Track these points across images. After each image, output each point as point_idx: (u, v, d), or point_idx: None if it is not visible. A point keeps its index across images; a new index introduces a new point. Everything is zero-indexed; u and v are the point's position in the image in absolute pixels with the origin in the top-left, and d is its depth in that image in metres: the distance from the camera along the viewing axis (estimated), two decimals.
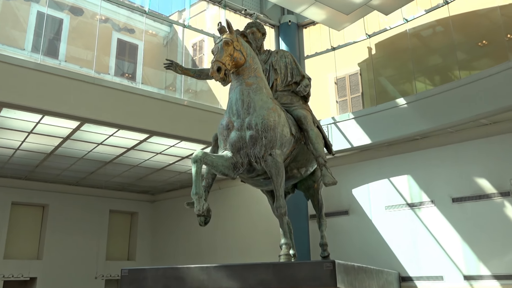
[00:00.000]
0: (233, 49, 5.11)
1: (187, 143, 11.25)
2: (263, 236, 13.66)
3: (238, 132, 4.97)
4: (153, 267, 4.21)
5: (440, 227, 10.55)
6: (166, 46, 18.49)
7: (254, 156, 4.96)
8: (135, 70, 17.55)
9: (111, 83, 10.05)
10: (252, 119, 4.95)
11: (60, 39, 15.87)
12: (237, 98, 5.09)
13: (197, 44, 17.78)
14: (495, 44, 10.33)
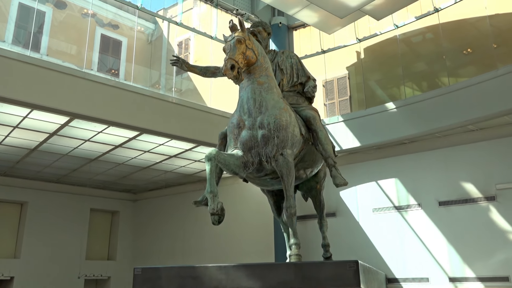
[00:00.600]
0: (246, 47, 5.06)
1: (177, 142, 11.12)
2: (251, 236, 13.64)
3: (250, 131, 4.93)
4: (168, 266, 4.12)
5: (426, 230, 10.76)
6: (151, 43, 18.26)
7: (266, 155, 4.93)
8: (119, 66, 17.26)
9: (103, 79, 9.85)
10: (264, 118, 4.91)
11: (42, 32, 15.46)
12: (248, 96, 5.05)
13: (183, 43, 17.63)
14: (483, 52, 10.62)
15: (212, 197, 4.64)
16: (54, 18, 15.76)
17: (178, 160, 12.74)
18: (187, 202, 15.15)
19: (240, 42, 5.08)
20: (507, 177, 9.90)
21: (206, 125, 11.17)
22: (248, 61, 5.09)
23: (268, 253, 12.63)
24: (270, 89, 5.15)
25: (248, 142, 4.93)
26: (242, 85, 5.23)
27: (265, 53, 5.50)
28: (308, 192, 6.49)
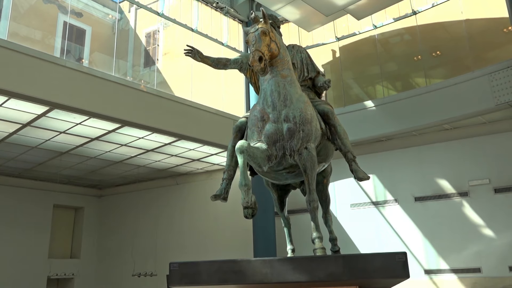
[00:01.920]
0: (270, 39, 5.00)
1: (157, 136, 10.81)
2: (222, 234, 13.54)
3: (275, 124, 4.87)
4: (208, 260, 4.00)
5: (402, 224, 11.17)
6: (116, 33, 17.63)
7: (290, 149, 4.90)
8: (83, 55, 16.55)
9: (85, 68, 9.37)
10: (289, 112, 4.88)
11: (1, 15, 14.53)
12: (272, 89, 4.98)
13: (151, 34, 17.16)
14: (458, 55, 11.14)
15: (246, 190, 4.56)
16: (14, 3, 14.85)
17: (155, 155, 12.41)
18: (160, 198, 14.95)
19: (265, 34, 5.00)
20: (479, 174, 10.48)
21: (187, 119, 10.96)
22: (271, 54, 5.04)
23: (246, 248, 12.61)
24: (293, 83, 5.13)
25: (273, 135, 4.87)
26: (264, 77, 5.17)
27: (286, 47, 5.47)
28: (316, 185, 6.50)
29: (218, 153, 12.60)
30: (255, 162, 4.90)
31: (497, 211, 10.15)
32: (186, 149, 12.01)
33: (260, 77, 5.28)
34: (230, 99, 12.86)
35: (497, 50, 11.01)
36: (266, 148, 4.97)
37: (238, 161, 4.63)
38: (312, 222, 5.22)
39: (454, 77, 10.52)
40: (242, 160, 4.57)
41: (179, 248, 14.08)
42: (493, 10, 10.60)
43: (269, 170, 5.49)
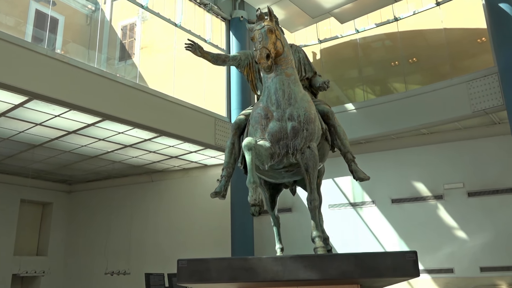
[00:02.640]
0: (275, 37, 5.00)
1: (138, 131, 10.58)
2: (199, 232, 13.42)
3: (279, 122, 4.87)
4: (217, 258, 3.93)
5: (379, 225, 11.41)
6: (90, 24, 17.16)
7: (293, 147, 4.91)
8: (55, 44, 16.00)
9: (67, 58, 9.04)
10: (293, 111, 4.89)
11: None
12: (276, 87, 4.98)
13: (128, 27, 16.79)
14: (438, 62, 11.49)
15: (255, 188, 4.52)
16: None
17: (132, 150, 12.14)
18: (134, 194, 14.64)
19: (271, 31, 5.00)
20: (454, 178, 10.84)
21: (169, 115, 10.80)
22: (276, 52, 5.03)
23: (224, 247, 12.54)
24: (297, 82, 5.14)
25: (277, 133, 4.86)
26: (268, 75, 5.14)
27: (289, 46, 5.47)
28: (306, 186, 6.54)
29: (197, 151, 12.46)
30: (259, 159, 4.88)
31: (470, 214, 10.53)
32: (166, 145, 11.82)
33: (263, 75, 5.26)
34: (211, 96, 12.75)
35: (472, 59, 11.44)
36: (270, 146, 4.96)
37: (246, 158, 4.59)
38: (312, 221, 5.26)
39: (433, 84, 10.85)
40: (250, 157, 4.54)
41: (153, 246, 13.84)
42: (471, 20, 11.00)
43: (268, 169, 5.47)
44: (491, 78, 9.87)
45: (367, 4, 11.17)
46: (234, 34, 13.33)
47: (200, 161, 13.59)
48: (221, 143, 11.96)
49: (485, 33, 10.74)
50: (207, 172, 14.03)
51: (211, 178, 13.91)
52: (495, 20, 9.84)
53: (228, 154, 5.59)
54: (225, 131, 12.16)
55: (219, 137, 11.93)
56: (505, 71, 9.50)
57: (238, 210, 12.01)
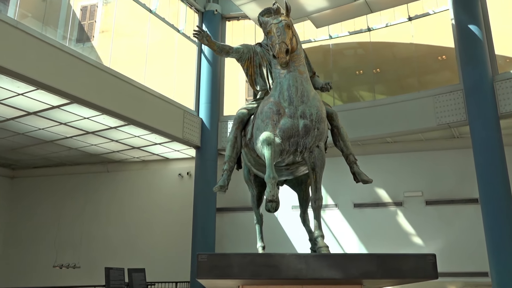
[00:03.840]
0: (292, 33, 4.95)
1: (105, 118, 10.06)
2: (156, 227, 13.03)
3: (291, 119, 4.80)
4: (239, 253, 3.79)
5: (341, 228, 11.68)
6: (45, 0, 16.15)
7: (303, 146, 4.87)
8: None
9: (41, 35, 8.40)
10: (306, 109, 4.85)
11: None
12: (289, 84, 4.91)
13: (88, 8, 15.99)
14: (407, 74, 11.98)
15: (274, 183, 4.43)
16: None
17: (93, 138, 11.53)
18: (86, 184, 13.92)
19: (288, 27, 4.95)
20: (414, 187, 11.35)
21: (140, 104, 10.39)
22: (292, 48, 4.98)
23: (183, 244, 12.26)
24: (309, 80, 5.11)
25: (289, 130, 4.80)
26: (280, 71, 5.06)
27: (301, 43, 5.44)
28: (297, 186, 6.51)
29: (162, 143, 12.09)
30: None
31: (427, 222, 11.07)
32: (130, 135, 11.34)
33: (274, 70, 5.18)
34: (180, 88, 12.42)
35: (435, 75, 12.05)
36: (280, 143, 4.89)
37: (264, 152, 4.49)
38: (315, 220, 5.22)
39: (401, 95, 11.29)
40: (270, 152, 4.46)
41: (106, 240, 13.22)
42: (439, 38, 11.58)
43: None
44: (456, 94, 10.44)
45: (344, 12, 11.40)
46: (207, 27, 13.09)
47: (162, 154, 13.20)
48: (189, 136, 11.69)
49: (448, 51, 11.36)
50: (168, 165, 13.65)
51: (172, 172, 13.57)
52: (463, 40, 10.43)
53: (230, 148, 5.46)
54: (193, 125, 11.90)
55: (187, 131, 11.65)
56: (470, 89, 10.11)
57: (201, 205, 11.78)
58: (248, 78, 6.21)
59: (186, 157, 13.39)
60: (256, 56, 6.06)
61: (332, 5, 10.82)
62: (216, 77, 12.80)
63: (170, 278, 11.48)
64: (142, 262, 11.28)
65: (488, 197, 9.45)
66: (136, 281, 9.89)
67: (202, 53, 12.88)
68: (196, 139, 11.98)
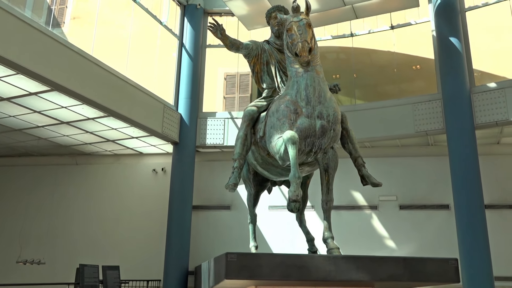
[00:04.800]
0: (312, 33, 4.93)
1: (85, 108, 9.61)
2: (126, 224, 12.65)
3: (308, 119, 4.79)
4: (269, 253, 3.73)
5: (317, 229, 11.72)
6: None
7: (318, 146, 4.88)
8: None
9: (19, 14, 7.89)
10: (323, 109, 4.85)
11: None
12: (307, 83, 4.90)
13: None
14: (388, 81, 12.25)
15: (299, 183, 4.38)
16: None
17: (67, 128, 10.99)
18: (53, 177, 13.28)
19: (309, 26, 4.95)
20: (388, 191, 11.61)
21: (121, 95, 10.02)
22: (311, 47, 4.94)
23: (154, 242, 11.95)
24: (325, 80, 5.12)
25: (307, 130, 4.77)
26: (297, 70, 5.01)
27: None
28: None
29: (139, 137, 11.73)
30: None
31: (401, 226, 11.39)
32: (108, 127, 10.92)
33: (290, 68, 5.15)
34: (161, 82, 12.11)
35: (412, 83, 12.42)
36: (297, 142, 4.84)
37: (289, 151, 4.42)
38: (325, 221, 5.25)
39: (381, 101, 11.55)
40: (295, 151, 4.40)
41: (72, 236, 12.66)
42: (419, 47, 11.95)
43: (278, 164, 5.35)
44: (434, 103, 10.80)
45: (330, 16, 11.51)
46: (189, 21, 12.83)
47: (136, 148, 12.80)
48: (168, 131, 11.41)
49: (427, 61, 11.74)
50: (141, 160, 13.26)
51: (145, 168, 13.20)
52: (443, 51, 10.81)
53: (240, 145, 5.37)
54: (172, 120, 11.62)
55: (166, 125, 11.36)
56: (448, 99, 10.49)
57: (177, 203, 11.52)
58: (253, 75, 6.15)
59: (161, 153, 13.07)
60: (264, 54, 6.01)
61: (321, 9, 10.90)
62: (197, 73, 12.56)
63: (140, 276, 11.17)
64: (112, 259, 10.90)
65: (462, 203, 9.82)
66: (111, 279, 9.53)
67: (183, 47, 12.60)
68: (175, 134, 11.71)
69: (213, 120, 12.34)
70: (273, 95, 5.81)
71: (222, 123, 12.28)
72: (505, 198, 11.19)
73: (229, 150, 12.53)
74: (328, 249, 4.89)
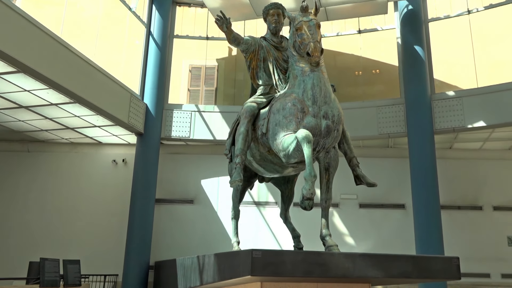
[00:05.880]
0: (320, 34, 5.03)
1: (50, 93, 9.06)
2: (81, 216, 12.13)
3: (314, 119, 4.88)
4: (292, 251, 3.77)
5: (279, 226, 11.93)
6: None
7: (322, 145, 4.98)
8: None
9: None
10: (328, 109, 4.96)
11: None
12: (313, 83, 4.98)
13: None
14: (352, 83, 12.65)
15: (314, 181, 4.43)
16: None
17: (25, 113, 10.29)
18: (3, 163, 12.33)
19: (319, 27, 5.03)
20: (349, 190, 11.96)
21: (90, 82, 9.57)
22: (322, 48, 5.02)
23: (114, 233, 11.57)
24: (329, 81, 5.21)
25: (313, 129, 4.84)
26: (303, 69, 5.07)
27: None
28: (283, 183, 6.64)
29: (102, 126, 11.25)
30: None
31: (360, 223, 11.86)
32: (71, 114, 10.37)
33: (295, 67, 5.23)
34: (127, 70, 11.69)
35: (376, 86, 12.92)
36: None
37: (304, 150, 4.47)
38: (323, 219, 5.38)
39: (347, 102, 11.89)
40: (310, 149, 4.47)
41: (22, 228, 11.90)
42: (384, 53, 12.46)
43: (277, 161, 5.40)
44: (397, 108, 11.34)
45: None
46: (158, 9, 12.47)
47: (96, 137, 12.27)
48: (134, 122, 11.06)
49: (391, 67, 12.28)
50: (100, 150, 12.73)
51: (105, 158, 12.70)
52: (407, 58, 11.37)
53: (242, 141, 5.35)
54: (138, 110, 11.28)
55: (132, 116, 11.00)
56: (411, 104, 11.06)
57: (140, 195, 11.21)
58: (249, 71, 6.13)
59: (122, 143, 12.62)
60: (261, 50, 6.00)
61: (296, 8, 11.00)
62: (164, 63, 12.26)
63: (99, 270, 10.77)
64: (71, 253, 10.40)
65: (420, 203, 10.42)
66: (71, 273, 9.10)
67: (151, 35, 12.24)
68: (140, 125, 11.38)
69: (179, 113, 12.11)
70: (270, 92, 5.83)
71: (189, 115, 12.09)
72: (455, 200, 11.99)
73: (195, 144, 12.41)
74: (327, 247, 5.00)
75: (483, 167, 12.25)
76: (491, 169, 12.20)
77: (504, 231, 11.74)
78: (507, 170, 12.13)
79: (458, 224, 11.62)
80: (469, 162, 12.33)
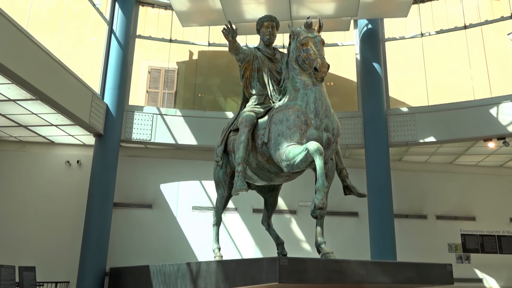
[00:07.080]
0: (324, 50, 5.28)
1: (11, 88, 8.50)
2: (31, 219, 11.45)
3: (317, 131, 5.10)
4: (313, 258, 3.90)
5: (239, 232, 12.08)
6: None
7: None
8: None
9: None
10: (329, 123, 5.20)
11: None
12: (316, 97, 5.21)
13: None
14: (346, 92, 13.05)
15: (327, 192, 4.59)
16: None
17: None
18: None
19: (323, 43, 5.25)
20: (307, 197, 12.37)
21: (53, 79, 9.12)
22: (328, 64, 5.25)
23: (66, 237, 11.03)
24: (327, 96, 5.45)
25: (316, 141, 5.02)
26: (305, 82, 5.27)
27: None
28: (268, 191, 6.81)
29: (59, 125, 10.71)
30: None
31: None
32: (28, 112, 9.77)
33: (296, 80, 5.46)
34: (89, 68, 11.23)
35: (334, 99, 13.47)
36: None
37: (316, 162, 4.63)
38: (318, 227, 5.54)
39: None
40: (321, 161, 4.63)
41: None
42: (344, 68, 13.05)
43: (274, 170, 5.55)
44: (355, 120, 11.93)
45: None
46: (121, 7, 12.12)
47: (49, 136, 11.64)
48: (94, 122, 10.66)
49: (350, 82, 12.90)
50: (52, 150, 12.08)
51: (57, 159, 12.08)
52: (365, 74, 12.01)
53: (243, 149, 5.45)
54: (99, 110, 10.88)
55: (93, 116, 10.60)
56: (368, 118, 11.69)
57: (97, 198, 10.79)
58: (242, 80, 6.26)
59: (76, 143, 12.07)
60: (255, 60, 6.16)
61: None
62: (125, 63, 11.93)
63: (50, 277, 10.21)
64: (20, 260, 9.77)
65: (376, 212, 11.03)
66: (27, 281, 8.58)
67: (113, 34, 11.87)
68: (100, 125, 10.98)
69: (140, 115, 11.84)
70: (265, 102, 5.98)
71: (150, 118, 11.86)
72: (403, 209, 12.80)
73: (155, 147, 12.18)
74: (323, 254, 5.21)
75: (428, 179, 13.22)
76: (435, 181, 13.20)
77: (446, 239, 12.74)
78: (449, 182, 13.19)
79: (406, 232, 12.42)
80: (416, 174, 13.25)
